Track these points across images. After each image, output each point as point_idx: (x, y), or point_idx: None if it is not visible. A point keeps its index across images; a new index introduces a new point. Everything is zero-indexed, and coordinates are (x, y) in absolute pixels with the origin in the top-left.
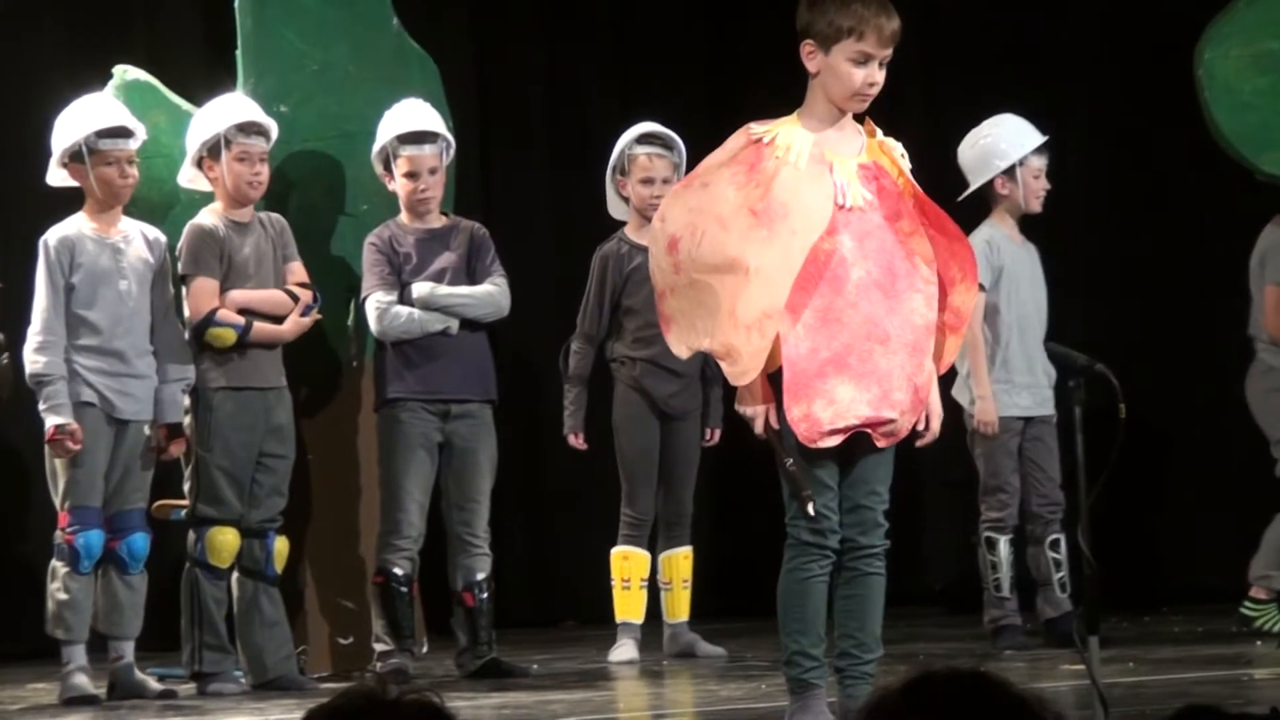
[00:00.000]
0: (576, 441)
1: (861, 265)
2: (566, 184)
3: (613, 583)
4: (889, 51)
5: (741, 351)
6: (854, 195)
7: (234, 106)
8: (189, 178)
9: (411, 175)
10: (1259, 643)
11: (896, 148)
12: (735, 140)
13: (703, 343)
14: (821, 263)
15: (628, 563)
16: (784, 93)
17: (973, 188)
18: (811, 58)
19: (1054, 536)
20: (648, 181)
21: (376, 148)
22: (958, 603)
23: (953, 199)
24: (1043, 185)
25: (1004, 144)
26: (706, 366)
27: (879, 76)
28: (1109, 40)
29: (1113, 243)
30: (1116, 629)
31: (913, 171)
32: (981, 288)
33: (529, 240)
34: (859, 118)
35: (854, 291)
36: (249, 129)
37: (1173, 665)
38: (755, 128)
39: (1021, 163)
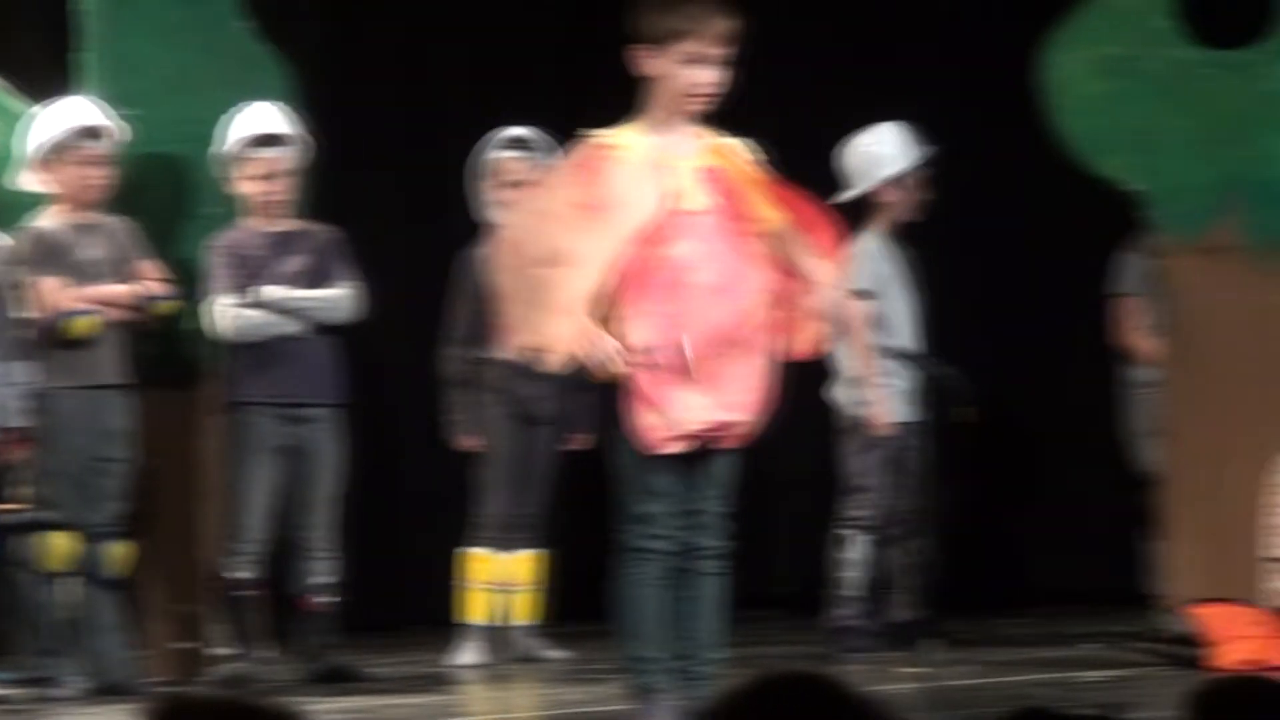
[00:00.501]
0: (467, 443)
1: (703, 270)
2: (423, 186)
3: (460, 585)
4: (727, 51)
5: (559, 336)
6: (693, 199)
7: (75, 110)
8: (27, 179)
9: (262, 178)
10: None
11: (738, 147)
12: (577, 147)
13: (531, 337)
14: (664, 269)
15: (476, 565)
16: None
17: (854, 194)
18: (646, 62)
19: (911, 540)
20: (509, 185)
21: (225, 150)
22: (803, 605)
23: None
24: (924, 195)
25: (890, 153)
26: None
27: (718, 77)
28: (951, 42)
29: (960, 249)
30: (961, 631)
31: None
32: (866, 294)
33: (384, 242)
34: (708, 119)
35: (696, 297)
36: (90, 133)
37: (1011, 667)
38: (595, 134)
39: (905, 172)
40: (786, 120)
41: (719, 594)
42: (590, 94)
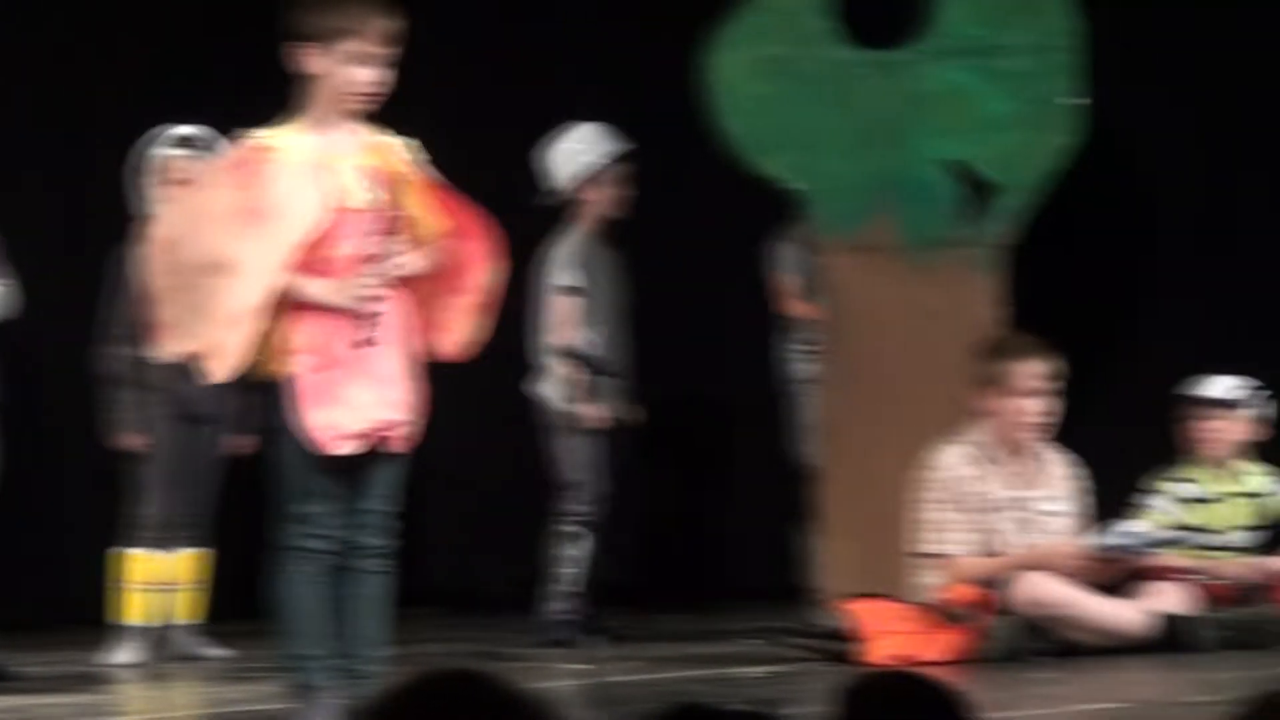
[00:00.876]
0: (127, 442)
1: (367, 268)
2: (78, 183)
3: (116, 584)
4: (389, 50)
5: (225, 347)
6: (355, 197)
7: None
8: None
9: None
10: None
11: (397, 146)
12: (235, 147)
13: (190, 344)
14: (329, 270)
15: (135, 565)
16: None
17: (555, 193)
18: (309, 60)
19: (599, 535)
20: (176, 183)
21: None
22: (461, 602)
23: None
24: (626, 191)
25: (586, 152)
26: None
27: (379, 76)
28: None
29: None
30: (622, 627)
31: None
32: (573, 290)
33: (38, 240)
34: (373, 118)
35: (359, 296)
36: None
37: (672, 664)
38: (254, 133)
39: (605, 170)
40: (465, 122)
41: (381, 593)
42: (246, 91)
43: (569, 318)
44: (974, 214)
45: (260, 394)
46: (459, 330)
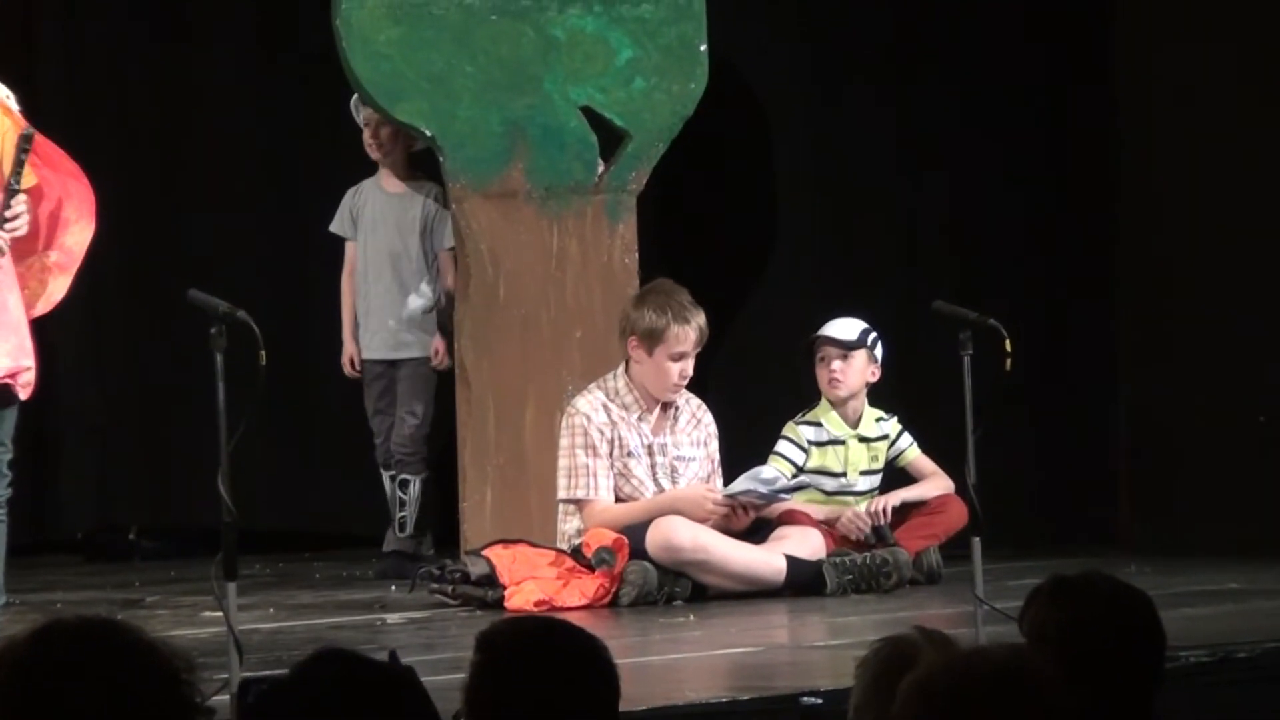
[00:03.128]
0: None
1: None
2: None
3: None
4: None
5: None
6: None
7: None
8: None
9: None
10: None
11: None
12: None
13: None
14: None
15: None
16: None
17: None
18: None
19: (404, 477)
20: None
21: None
22: (97, 550)
23: None
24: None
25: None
26: None
27: None
28: None
29: None
30: (258, 575)
31: None
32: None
33: None
34: None
35: None
36: None
37: (312, 611)
38: None
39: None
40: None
41: (2, 540)
42: None
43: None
44: (605, 161)
45: None
46: (45, 288)
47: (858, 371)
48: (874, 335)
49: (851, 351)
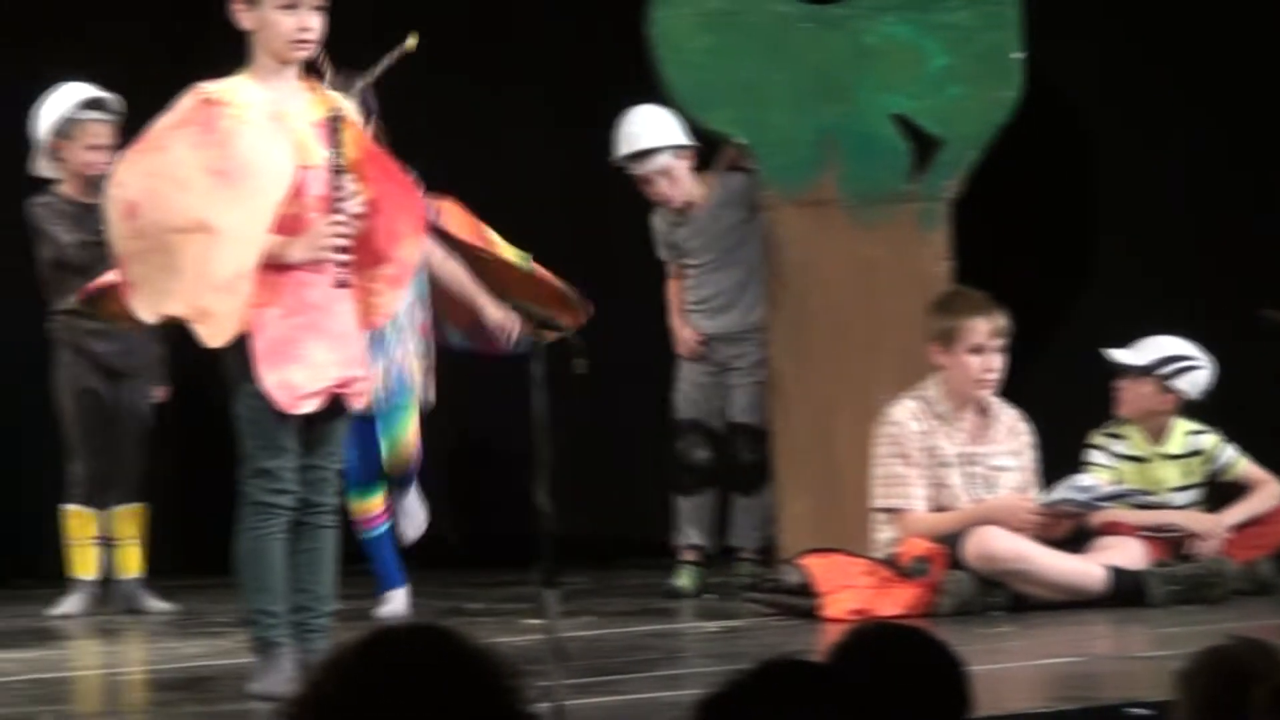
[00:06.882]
0: (61, 401)
1: (328, 216)
2: None
3: (65, 540)
4: None
5: (216, 313)
6: (313, 154)
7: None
8: None
9: None
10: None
11: (339, 101)
12: (186, 101)
13: (173, 307)
14: (289, 225)
15: (75, 521)
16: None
17: None
18: (243, 14)
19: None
20: (96, 148)
21: None
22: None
23: None
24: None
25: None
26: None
27: (312, 22)
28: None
29: None
30: (574, 584)
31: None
32: None
33: None
34: (309, 71)
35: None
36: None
37: (627, 619)
38: (206, 87)
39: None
40: None
41: (333, 548)
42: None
43: None
44: (918, 168)
45: (223, 353)
46: (383, 303)
47: (1142, 396)
48: (1176, 365)
49: (1141, 377)
